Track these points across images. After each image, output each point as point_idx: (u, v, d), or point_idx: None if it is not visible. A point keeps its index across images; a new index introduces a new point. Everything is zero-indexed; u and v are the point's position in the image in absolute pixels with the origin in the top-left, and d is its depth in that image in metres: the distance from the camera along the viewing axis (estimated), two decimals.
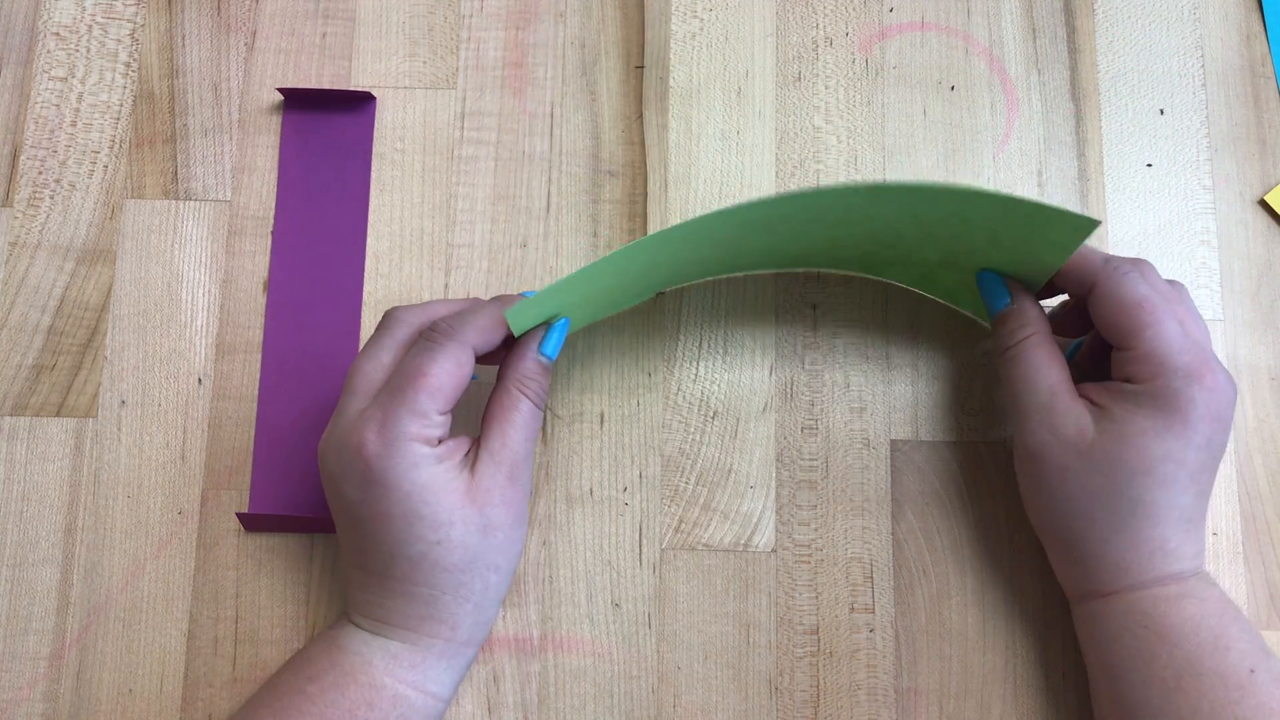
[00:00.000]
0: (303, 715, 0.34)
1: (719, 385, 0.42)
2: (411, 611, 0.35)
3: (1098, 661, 0.36)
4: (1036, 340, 0.36)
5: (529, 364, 0.37)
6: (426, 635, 0.35)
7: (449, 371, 0.34)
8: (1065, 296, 0.39)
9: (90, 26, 0.46)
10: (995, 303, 0.38)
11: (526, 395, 0.36)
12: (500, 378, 0.37)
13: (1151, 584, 0.34)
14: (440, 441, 0.35)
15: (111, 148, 0.44)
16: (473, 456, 0.36)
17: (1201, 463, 0.34)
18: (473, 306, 0.37)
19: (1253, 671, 0.33)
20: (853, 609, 0.41)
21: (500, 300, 0.37)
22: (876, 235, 0.38)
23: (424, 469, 0.34)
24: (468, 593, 0.35)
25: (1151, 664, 0.34)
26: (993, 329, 0.38)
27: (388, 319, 0.37)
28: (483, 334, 0.35)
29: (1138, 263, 0.36)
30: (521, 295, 0.38)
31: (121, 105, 0.45)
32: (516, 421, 0.36)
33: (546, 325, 0.37)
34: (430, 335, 0.35)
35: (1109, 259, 0.36)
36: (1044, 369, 0.36)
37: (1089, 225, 0.33)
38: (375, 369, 0.35)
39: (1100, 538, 0.35)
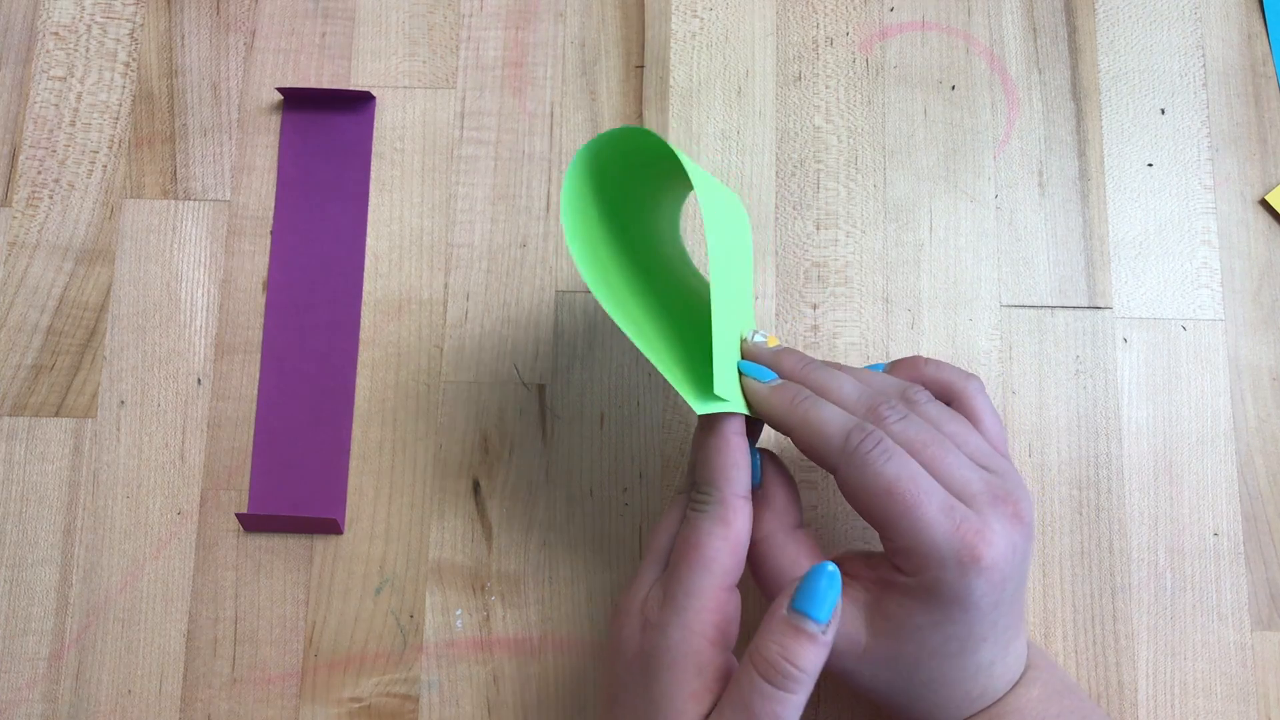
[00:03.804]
0: None
1: None
2: None
3: None
4: (778, 541, 0.32)
5: (783, 639, 0.28)
6: None
7: (720, 537, 0.30)
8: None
9: (89, 26, 0.45)
10: (755, 474, 0.33)
11: (780, 687, 0.28)
12: (749, 650, 0.29)
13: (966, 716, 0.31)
14: (723, 641, 0.30)
15: (111, 147, 0.44)
16: None
17: (995, 620, 0.30)
18: (725, 441, 0.31)
19: None
20: None
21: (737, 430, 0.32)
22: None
23: (686, 700, 0.28)
24: None
25: None
26: None
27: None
28: (743, 476, 0.31)
29: (898, 405, 0.31)
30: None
31: (121, 105, 0.45)
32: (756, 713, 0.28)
33: (799, 581, 0.29)
34: (693, 495, 0.32)
35: (851, 432, 0.30)
36: (789, 570, 0.31)
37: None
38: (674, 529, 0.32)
39: (900, 706, 0.31)
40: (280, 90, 0.44)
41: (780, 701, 0.27)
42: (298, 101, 0.45)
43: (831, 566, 0.29)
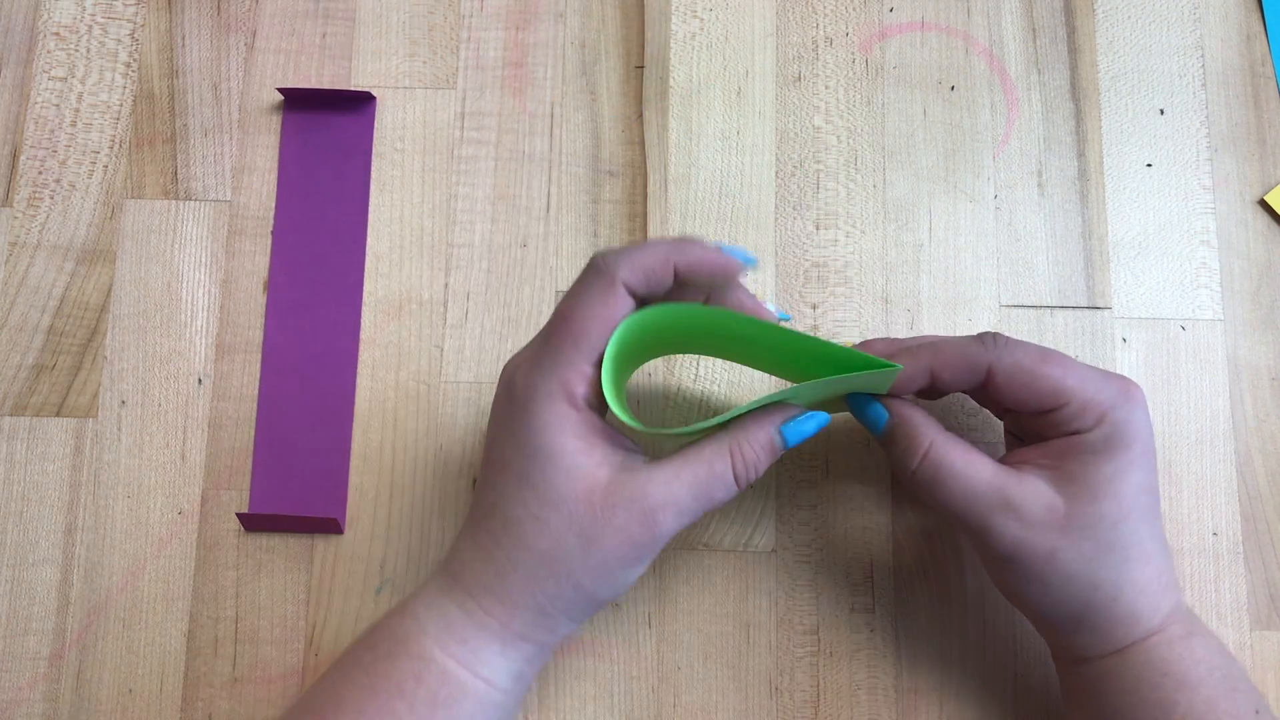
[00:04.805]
0: (356, 686, 0.32)
1: (719, 385, 0.42)
2: (480, 574, 0.33)
3: (1105, 718, 0.33)
4: (940, 448, 0.33)
5: (759, 434, 0.33)
6: (482, 609, 0.32)
7: (594, 313, 0.31)
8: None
9: (90, 26, 0.46)
10: (875, 425, 0.35)
11: (734, 467, 0.32)
12: (728, 429, 0.33)
13: (1162, 627, 0.33)
14: (589, 404, 0.32)
15: (111, 148, 0.44)
16: (630, 467, 0.32)
17: (1156, 471, 0.33)
18: (652, 243, 0.33)
19: (1257, 712, 0.32)
20: (853, 609, 0.41)
21: (681, 243, 0.33)
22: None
23: (556, 435, 0.31)
24: (538, 586, 0.32)
25: (1171, 713, 0.32)
26: (886, 452, 0.35)
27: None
28: (642, 272, 0.32)
29: (990, 334, 0.34)
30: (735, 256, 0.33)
31: (121, 105, 0.45)
32: (702, 478, 0.32)
33: (799, 410, 0.34)
34: (584, 270, 0.32)
35: (981, 336, 0.34)
36: (969, 470, 0.33)
37: (892, 373, 0.32)
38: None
39: (1108, 597, 0.32)
40: (281, 90, 0.44)
41: (731, 493, 0.33)
42: (298, 102, 0.45)
43: (826, 416, 0.34)
